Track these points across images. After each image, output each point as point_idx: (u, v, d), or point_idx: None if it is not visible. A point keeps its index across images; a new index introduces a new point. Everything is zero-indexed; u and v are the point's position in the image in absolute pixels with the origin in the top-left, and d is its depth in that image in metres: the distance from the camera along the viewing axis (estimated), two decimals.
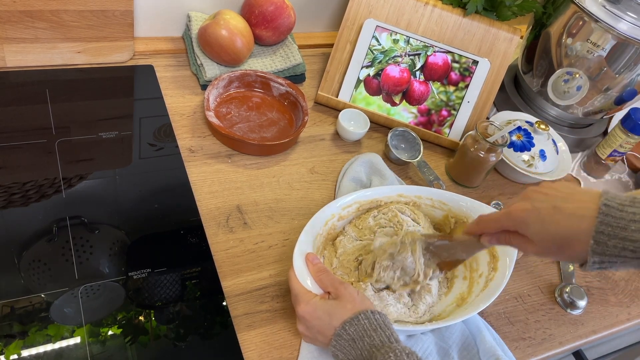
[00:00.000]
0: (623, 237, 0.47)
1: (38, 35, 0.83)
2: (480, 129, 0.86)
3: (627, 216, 0.47)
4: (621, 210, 0.47)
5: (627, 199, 0.48)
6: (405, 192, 0.77)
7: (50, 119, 0.80)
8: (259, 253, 0.73)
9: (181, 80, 0.94)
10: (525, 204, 0.52)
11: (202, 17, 0.96)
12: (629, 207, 0.47)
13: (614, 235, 0.47)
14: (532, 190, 0.54)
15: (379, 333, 0.56)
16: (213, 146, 0.85)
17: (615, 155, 1.03)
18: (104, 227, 0.70)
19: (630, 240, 0.47)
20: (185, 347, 0.62)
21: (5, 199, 0.69)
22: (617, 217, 0.47)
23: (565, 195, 0.51)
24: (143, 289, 0.65)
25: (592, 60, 0.92)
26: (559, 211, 0.50)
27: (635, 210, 0.47)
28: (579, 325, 0.78)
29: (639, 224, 0.46)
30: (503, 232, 0.56)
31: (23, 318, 0.59)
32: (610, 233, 0.47)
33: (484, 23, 0.95)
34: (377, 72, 0.96)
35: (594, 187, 1.04)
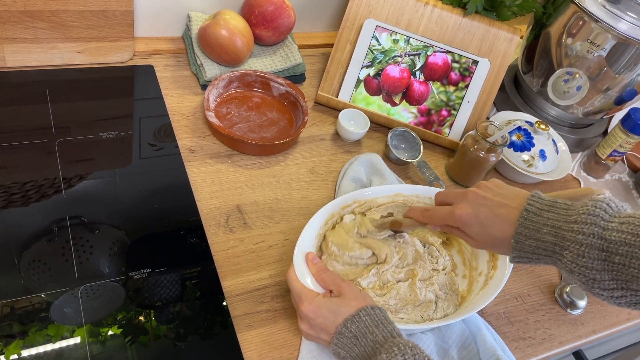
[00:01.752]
0: (536, 238, 0.55)
1: (38, 35, 0.83)
2: (480, 129, 0.86)
3: (542, 220, 0.55)
4: (538, 215, 0.55)
5: (547, 204, 0.56)
6: (404, 192, 0.77)
7: (50, 119, 0.80)
8: (259, 253, 0.73)
9: (181, 80, 0.94)
10: (467, 208, 0.59)
11: (202, 17, 0.96)
12: (546, 212, 0.55)
13: (529, 236, 0.55)
14: (473, 193, 0.61)
15: (381, 329, 0.56)
16: (213, 146, 0.85)
17: (615, 155, 1.03)
18: (104, 227, 0.70)
19: (542, 241, 0.54)
20: (185, 347, 0.62)
21: (5, 199, 0.69)
22: (533, 220, 0.55)
23: (500, 200, 0.59)
24: (143, 289, 0.65)
25: (592, 60, 0.92)
26: (496, 216, 0.58)
27: (550, 215, 0.54)
28: (579, 325, 0.78)
29: (550, 228, 0.54)
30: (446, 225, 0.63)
31: (23, 318, 0.59)
32: (527, 234, 0.55)
33: (484, 23, 0.95)
34: (377, 72, 0.96)
35: (594, 187, 1.04)
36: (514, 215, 0.56)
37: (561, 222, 0.53)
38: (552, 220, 0.54)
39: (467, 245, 0.77)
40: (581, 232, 0.51)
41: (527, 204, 0.56)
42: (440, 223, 0.63)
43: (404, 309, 0.69)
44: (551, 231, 0.54)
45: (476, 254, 0.76)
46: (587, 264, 0.51)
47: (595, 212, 0.52)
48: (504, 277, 0.69)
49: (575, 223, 0.52)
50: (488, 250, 0.71)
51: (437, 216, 0.63)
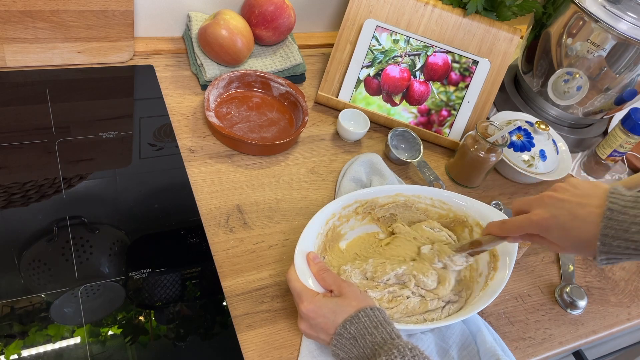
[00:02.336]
0: (626, 238, 0.51)
1: (38, 35, 0.83)
2: (480, 129, 0.86)
3: (629, 219, 0.51)
4: (623, 212, 0.52)
5: (630, 200, 0.52)
6: (405, 192, 0.77)
7: (50, 119, 0.80)
8: (259, 253, 0.73)
9: (181, 80, 0.94)
10: (544, 213, 0.57)
11: (202, 17, 0.96)
12: (630, 209, 0.52)
13: (617, 237, 0.52)
14: (548, 197, 0.58)
15: (380, 330, 0.56)
16: (213, 146, 0.85)
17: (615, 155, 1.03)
18: (104, 227, 0.70)
19: (632, 241, 0.51)
20: (185, 347, 0.62)
21: (5, 199, 0.69)
22: (619, 220, 0.52)
23: (578, 200, 0.56)
24: (143, 289, 0.65)
25: (592, 60, 0.92)
26: (576, 218, 0.55)
27: (636, 212, 0.51)
28: (579, 325, 0.78)
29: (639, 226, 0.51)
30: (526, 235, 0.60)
31: (23, 318, 0.59)
32: (614, 235, 0.52)
33: (484, 23, 0.95)
34: (377, 72, 0.96)
35: None
36: (595, 215, 0.53)
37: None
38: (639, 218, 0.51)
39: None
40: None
41: (609, 201, 0.53)
42: (519, 233, 0.61)
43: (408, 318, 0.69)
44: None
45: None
46: None
47: None
48: (504, 278, 0.69)
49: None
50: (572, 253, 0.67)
51: (515, 226, 0.60)
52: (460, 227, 0.77)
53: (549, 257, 0.86)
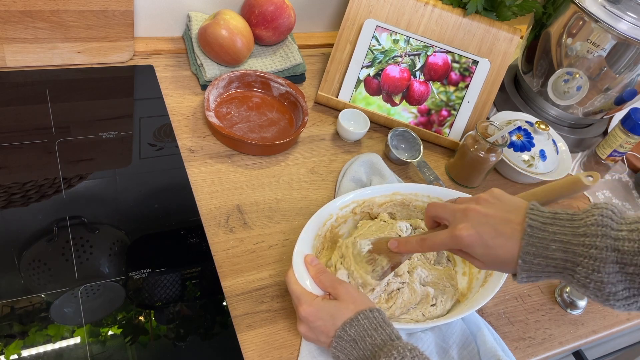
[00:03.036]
0: (545, 255, 0.51)
1: (38, 35, 0.83)
2: (480, 129, 0.86)
3: (549, 236, 0.51)
4: (543, 230, 0.51)
5: (549, 217, 0.52)
6: (402, 190, 0.77)
7: (50, 119, 0.80)
8: (259, 253, 0.73)
9: (181, 80, 0.94)
10: (469, 229, 0.55)
11: (202, 17, 0.96)
12: (550, 226, 0.51)
13: (537, 254, 0.51)
14: (473, 211, 0.56)
15: (380, 332, 0.56)
16: (213, 146, 0.85)
17: (615, 155, 1.03)
18: (104, 227, 0.70)
19: (552, 259, 0.51)
20: (185, 347, 0.62)
21: (5, 199, 0.69)
22: (539, 237, 0.51)
23: (502, 215, 0.54)
24: (143, 289, 0.65)
25: (592, 60, 0.92)
26: (500, 235, 0.53)
27: (555, 229, 0.51)
28: (579, 325, 0.78)
29: (559, 244, 0.50)
30: None
31: (23, 318, 0.59)
32: (535, 252, 0.51)
33: (484, 23, 0.95)
34: (377, 72, 0.96)
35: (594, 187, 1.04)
36: (518, 232, 0.53)
37: (569, 236, 0.50)
38: (559, 235, 0.51)
39: None
40: (594, 246, 0.48)
41: (528, 218, 0.52)
42: (441, 249, 0.60)
43: (407, 312, 0.69)
44: (560, 247, 0.50)
45: None
46: (603, 279, 0.48)
47: (604, 222, 0.49)
48: (503, 275, 0.69)
49: (585, 236, 0.49)
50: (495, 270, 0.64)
51: (436, 243, 0.58)
52: None
53: None
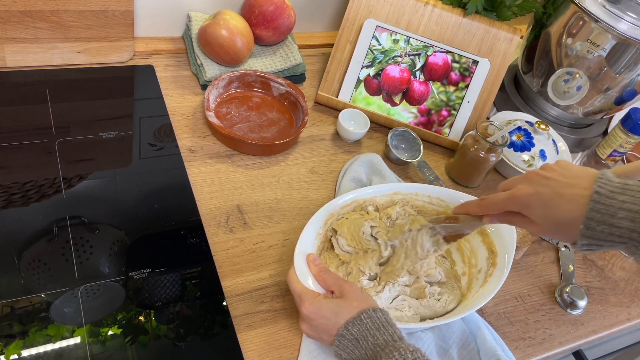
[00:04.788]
0: (611, 223, 0.49)
1: (38, 35, 0.83)
2: (480, 129, 0.86)
3: (616, 204, 0.49)
4: (611, 197, 0.50)
5: (618, 186, 0.50)
6: (403, 190, 0.77)
7: (50, 119, 0.80)
8: (259, 253, 0.73)
9: (181, 80, 0.94)
10: (528, 188, 0.54)
11: (202, 17, 0.96)
12: (619, 195, 0.50)
13: (602, 222, 0.50)
14: (534, 174, 0.55)
15: (382, 332, 0.56)
16: (213, 146, 0.85)
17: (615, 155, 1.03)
18: (104, 227, 0.70)
19: (617, 227, 0.49)
20: (185, 347, 0.62)
21: (5, 199, 0.69)
22: (607, 204, 0.50)
23: (565, 180, 0.53)
24: (143, 289, 0.65)
25: (592, 60, 0.92)
26: (560, 196, 0.52)
27: (624, 198, 0.49)
28: (579, 325, 0.78)
29: (626, 212, 0.49)
30: (506, 213, 0.57)
31: (23, 318, 0.59)
32: (600, 219, 0.50)
33: (484, 23, 0.95)
34: (377, 72, 0.96)
35: None
36: (582, 196, 0.51)
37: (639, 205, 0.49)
38: (627, 204, 0.49)
39: (466, 242, 0.77)
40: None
41: (597, 185, 0.50)
42: (498, 210, 0.58)
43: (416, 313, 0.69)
44: (628, 215, 0.49)
45: (475, 251, 0.76)
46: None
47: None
48: (503, 274, 0.69)
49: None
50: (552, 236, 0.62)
51: (494, 202, 0.57)
52: None
53: (549, 257, 0.86)
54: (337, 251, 0.72)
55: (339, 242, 0.72)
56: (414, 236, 0.68)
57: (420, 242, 0.67)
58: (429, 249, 0.67)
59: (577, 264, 0.87)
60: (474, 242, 0.76)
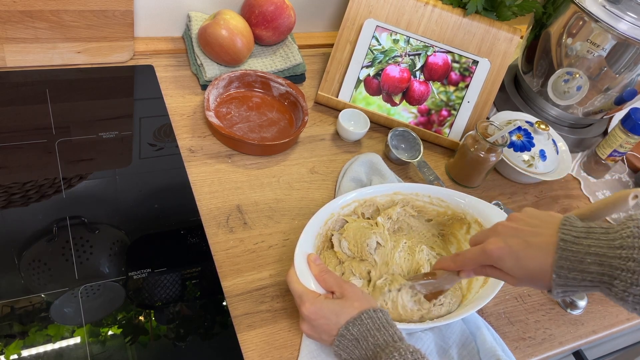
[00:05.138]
0: (581, 269, 0.50)
1: (38, 35, 0.83)
2: (480, 129, 0.86)
3: (583, 249, 0.50)
4: (577, 243, 0.50)
5: (583, 230, 0.51)
6: (403, 190, 0.77)
7: (50, 119, 0.80)
8: (259, 253, 0.73)
9: (181, 80, 0.94)
10: (498, 242, 0.55)
11: (202, 17, 0.96)
12: (584, 240, 0.50)
13: (572, 269, 0.50)
14: (502, 226, 0.57)
15: (383, 332, 0.56)
16: (213, 146, 0.85)
17: (615, 155, 1.03)
18: (104, 227, 0.70)
19: (588, 272, 0.49)
20: (185, 347, 0.62)
21: (5, 199, 0.69)
22: (573, 250, 0.50)
23: (532, 229, 0.54)
24: (143, 289, 0.65)
25: (592, 60, 0.92)
26: (529, 246, 0.53)
27: (590, 242, 0.50)
28: (579, 325, 0.78)
29: (593, 257, 0.49)
30: (481, 266, 0.59)
31: (23, 318, 0.59)
32: (570, 267, 0.50)
33: (484, 23, 0.95)
34: (377, 72, 0.96)
35: (594, 187, 1.04)
36: (549, 244, 0.52)
37: (605, 248, 0.49)
38: (594, 248, 0.49)
39: (466, 242, 0.77)
40: (631, 259, 0.47)
41: (561, 232, 0.51)
42: (472, 265, 0.59)
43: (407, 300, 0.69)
44: (596, 260, 0.49)
45: None
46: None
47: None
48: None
49: (622, 249, 0.48)
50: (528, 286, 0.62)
51: (467, 258, 0.59)
52: (458, 225, 0.78)
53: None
54: (336, 249, 0.72)
55: (341, 244, 0.72)
56: (394, 297, 0.68)
57: (402, 303, 0.67)
58: (412, 308, 0.67)
59: None
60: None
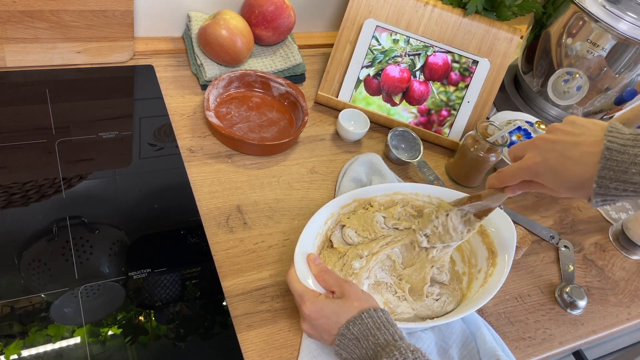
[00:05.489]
0: (624, 179, 0.48)
1: (38, 35, 0.83)
2: (480, 129, 0.86)
3: (629, 159, 0.48)
4: (623, 152, 0.48)
5: (630, 138, 0.49)
6: (403, 190, 0.77)
7: (50, 119, 0.80)
8: (259, 253, 0.73)
9: (181, 80, 0.94)
10: (535, 157, 0.54)
11: (202, 17, 0.96)
12: (631, 148, 0.48)
13: (615, 179, 0.49)
14: (540, 139, 0.55)
15: (383, 331, 0.56)
16: (213, 146, 0.85)
17: None
18: (104, 227, 0.70)
19: (631, 183, 0.48)
20: (185, 347, 0.62)
21: (5, 199, 0.69)
22: (618, 160, 0.48)
23: (572, 139, 0.52)
24: (143, 289, 0.65)
25: (592, 60, 0.92)
26: (567, 159, 0.52)
27: (637, 151, 0.48)
28: (579, 325, 0.78)
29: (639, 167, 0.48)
30: (523, 182, 0.58)
31: (23, 318, 0.59)
32: (612, 177, 0.49)
33: (484, 23, 0.95)
34: (377, 72, 0.96)
35: None
36: (590, 154, 0.50)
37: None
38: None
39: (466, 242, 0.77)
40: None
41: (607, 140, 0.49)
42: (514, 181, 0.58)
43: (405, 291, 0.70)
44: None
45: (475, 251, 0.76)
46: None
47: None
48: (503, 274, 0.69)
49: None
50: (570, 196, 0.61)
51: (508, 174, 0.58)
52: None
53: (549, 257, 0.86)
54: (336, 245, 0.72)
55: (346, 234, 0.72)
56: (443, 222, 0.68)
57: (453, 226, 0.68)
58: (462, 230, 0.68)
59: (577, 264, 0.87)
60: (474, 242, 0.76)
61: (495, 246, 0.73)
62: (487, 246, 0.74)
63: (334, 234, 0.73)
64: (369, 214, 0.74)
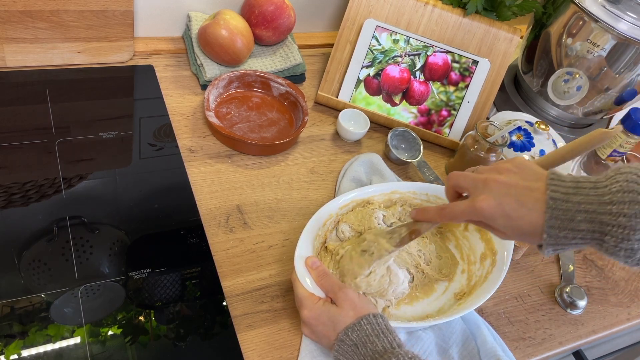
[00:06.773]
0: (571, 228, 0.49)
1: (38, 35, 0.83)
2: (480, 129, 0.86)
3: (573, 207, 0.49)
4: (567, 200, 0.49)
5: (571, 186, 0.50)
6: (400, 189, 0.77)
7: (50, 119, 0.80)
8: (259, 253, 0.73)
9: (181, 80, 0.94)
10: (488, 199, 0.53)
11: (202, 17, 0.96)
12: (573, 196, 0.49)
13: (563, 227, 0.49)
14: (494, 182, 0.54)
15: (382, 339, 0.56)
16: (213, 146, 0.85)
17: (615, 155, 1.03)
18: (104, 227, 0.70)
19: (578, 230, 0.49)
20: (185, 347, 0.62)
21: (5, 199, 0.69)
22: (564, 209, 0.49)
23: (526, 185, 0.52)
24: (143, 289, 0.65)
25: (592, 60, 0.92)
26: (522, 205, 0.51)
27: (579, 199, 0.49)
28: (579, 325, 0.78)
29: (584, 214, 0.48)
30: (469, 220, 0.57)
31: (23, 318, 0.59)
32: (560, 226, 0.49)
33: (484, 23, 0.95)
34: (377, 72, 0.96)
35: None
36: (540, 202, 0.50)
37: (594, 205, 0.48)
38: (583, 205, 0.48)
39: (464, 239, 0.77)
40: (622, 214, 0.46)
41: (549, 190, 0.50)
42: (460, 220, 0.57)
43: None
44: (586, 217, 0.48)
45: (474, 248, 0.76)
46: (634, 246, 0.47)
47: (630, 188, 0.47)
48: (502, 272, 0.70)
49: (612, 204, 0.47)
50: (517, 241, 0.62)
51: (456, 213, 0.56)
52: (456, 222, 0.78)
53: (549, 257, 0.86)
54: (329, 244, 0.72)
55: (339, 229, 0.72)
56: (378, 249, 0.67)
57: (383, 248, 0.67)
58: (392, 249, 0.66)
59: (577, 264, 0.87)
60: (472, 239, 0.76)
61: (494, 244, 0.73)
62: (486, 244, 0.74)
63: (331, 234, 0.73)
64: (367, 210, 0.74)
